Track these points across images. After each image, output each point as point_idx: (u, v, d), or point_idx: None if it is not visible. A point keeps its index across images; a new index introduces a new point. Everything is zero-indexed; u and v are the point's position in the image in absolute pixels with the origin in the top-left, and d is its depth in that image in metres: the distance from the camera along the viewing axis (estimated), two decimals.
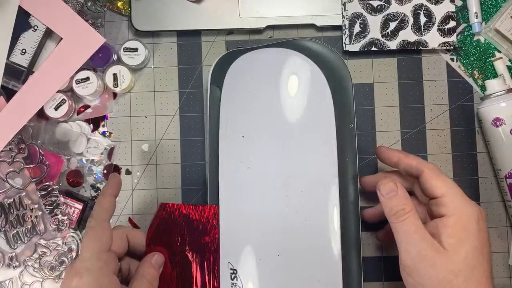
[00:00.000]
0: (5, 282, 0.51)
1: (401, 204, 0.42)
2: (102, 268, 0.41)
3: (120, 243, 0.45)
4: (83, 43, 0.51)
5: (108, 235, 0.43)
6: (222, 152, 0.48)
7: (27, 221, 0.51)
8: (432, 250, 0.40)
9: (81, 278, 0.40)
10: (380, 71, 0.55)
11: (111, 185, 0.46)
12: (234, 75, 0.49)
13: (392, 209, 0.42)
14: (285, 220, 0.46)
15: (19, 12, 0.50)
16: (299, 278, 0.46)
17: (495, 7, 0.55)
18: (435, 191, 0.42)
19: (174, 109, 0.55)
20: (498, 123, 0.51)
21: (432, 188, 0.42)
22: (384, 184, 0.43)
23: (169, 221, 0.48)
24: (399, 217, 0.41)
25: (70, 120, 0.54)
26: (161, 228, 0.48)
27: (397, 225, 0.41)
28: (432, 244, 0.40)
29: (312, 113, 0.47)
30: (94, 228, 0.43)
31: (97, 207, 0.44)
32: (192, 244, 0.47)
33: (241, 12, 0.54)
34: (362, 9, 0.53)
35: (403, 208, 0.41)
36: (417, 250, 0.40)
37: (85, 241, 0.42)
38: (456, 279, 0.39)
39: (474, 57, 0.55)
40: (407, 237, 0.41)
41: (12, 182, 0.50)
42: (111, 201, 0.45)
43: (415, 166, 0.44)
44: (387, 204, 0.42)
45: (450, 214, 0.41)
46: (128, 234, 0.46)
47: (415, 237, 0.40)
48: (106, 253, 0.42)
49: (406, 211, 0.41)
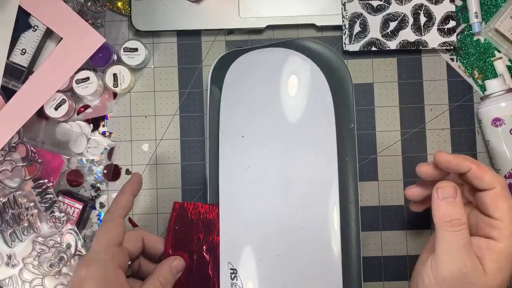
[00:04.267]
0: (5, 280, 0.51)
1: (458, 213, 0.40)
2: (108, 261, 0.42)
3: (135, 244, 0.46)
4: (83, 43, 0.51)
5: (119, 230, 0.44)
6: (222, 152, 0.48)
7: (23, 219, 0.51)
8: (473, 269, 0.39)
9: (89, 269, 0.41)
10: (380, 71, 0.55)
11: (131, 183, 0.47)
12: (234, 75, 0.49)
13: (447, 216, 0.40)
14: (285, 220, 0.46)
15: (19, 12, 0.50)
16: (299, 278, 0.46)
17: (495, 7, 0.55)
18: (496, 213, 0.41)
19: (174, 109, 0.55)
20: (498, 123, 0.51)
21: (495, 209, 0.41)
22: (445, 188, 0.41)
23: (185, 221, 0.48)
24: (453, 226, 0.40)
25: (70, 120, 0.54)
26: (178, 228, 0.48)
27: (448, 234, 0.40)
28: (475, 263, 0.40)
29: (312, 113, 0.47)
30: (108, 222, 0.44)
31: (114, 203, 0.45)
32: (208, 243, 0.47)
33: (241, 12, 0.54)
34: (362, 9, 0.53)
35: (459, 218, 0.40)
36: (460, 265, 0.39)
37: (97, 234, 0.44)
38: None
39: (474, 57, 0.55)
40: (454, 249, 0.40)
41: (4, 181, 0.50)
42: (128, 198, 0.46)
43: (488, 180, 0.41)
44: (442, 208, 0.41)
45: (500, 240, 0.40)
46: (144, 237, 0.47)
47: (463, 252, 0.40)
48: (115, 247, 0.43)
49: (462, 223, 0.40)
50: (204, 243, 0.47)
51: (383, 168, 0.54)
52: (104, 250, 0.42)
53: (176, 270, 0.46)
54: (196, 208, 0.48)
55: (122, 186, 0.47)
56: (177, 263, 0.46)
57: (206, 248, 0.47)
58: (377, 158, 0.54)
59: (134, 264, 0.47)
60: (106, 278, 0.41)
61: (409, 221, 0.54)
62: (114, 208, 0.45)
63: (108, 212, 0.45)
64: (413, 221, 0.52)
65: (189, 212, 0.48)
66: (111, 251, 0.43)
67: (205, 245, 0.47)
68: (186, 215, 0.48)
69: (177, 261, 0.46)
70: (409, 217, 0.53)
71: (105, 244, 0.43)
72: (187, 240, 0.48)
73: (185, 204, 0.48)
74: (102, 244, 0.43)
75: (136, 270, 0.48)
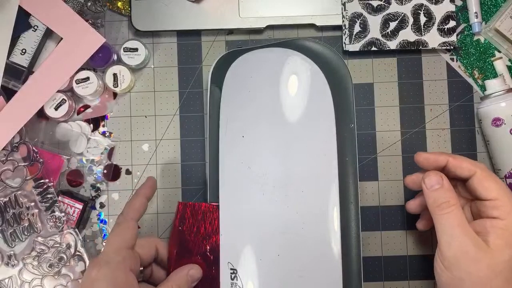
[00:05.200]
0: (5, 280, 0.51)
1: (446, 196, 0.42)
2: (120, 263, 0.42)
3: (148, 251, 0.46)
4: (83, 43, 0.51)
5: (131, 233, 0.44)
6: (222, 152, 0.48)
7: (24, 219, 0.51)
8: (474, 246, 0.40)
9: (99, 270, 0.41)
10: (380, 71, 0.55)
11: (145, 186, 0.47)
12: (234, 75, 0.49)
13: (436, 200, 0.42)
14: (285, 220, 0.46)
15: (19, 12, 0.50)
16: (299, 278, 0.46)
17: (495, 7, 0.55)
18: (488, 193, 0.42)
19: (174, 109, 0.55)
20: (498, 123, 0.51)
21: (486, 191, 0.42)
22: (430, 176, 0.43)
23: (189, 221, 0.48)
24: (443, 209, 0.41)
25: (70, 120, 0.54)
26: (182, 229, 0.48)
27: (440, 217, 0.41)
28: (476, 241, 0.40)
29: (312, 113, 0.47)
30: (120, 224, 0.44)
31: (127, 206, 0.46)
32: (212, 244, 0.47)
33: (241, 12, 0.54)
34: (362, 9, 0.53)
35: (447, 201, 0.41)
36: (459, 244, 0.40)
37: (109, 236, 0.44)
38: (496, 279, 0.39)
39: (474, 57, 0.55)
40: (449, 230, 0.41)
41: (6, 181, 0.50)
42: (142, 201, 0.46)
43: (466, 167, 0.43)
44: (431, 196, 0.42)
45: (503, 217, 0.41)
46: (158, 245, 0.47)
47: (458, 231, 0.40)
48: (127, 250, 0.43)
49: (450, 204, 0.41)
50: (208, 244, 0.47)
51: (383, 168, 0.54)
52: (116, 253, 0.42)
53: (192, 279, 0.45)
54: (200, 208, 0.48)
55: (136, 189, 0.47)
56: (194, 272, 0.46)
57: (210, 248, 0.47)
58: (377, 158, 0.54)
59: (146, 270, 0.47)
60: (116, 280, 0.41)
61: (409, 221, 0.54)
62: (127, 211, 0.45)
63: (121, 214, 0.45)
64: (413, 221, 0.52)
65: (194, 212, 0.48)
66: (123, 254, 0.43)
67: (209, 246, 0.47)
68: (190, 215, 0.48)
69: (194, 270, 0.46)
70: (409, 217, 0.53)
71: (117, 246, 0.43)
72: (191, 240, 0.48)
73: (190, 204, 0.48)
74: (114, 246, 0.43)
75: (147, 277, 0.48)
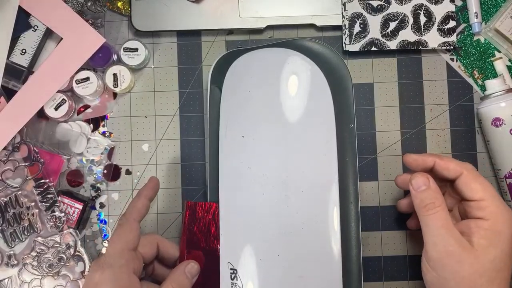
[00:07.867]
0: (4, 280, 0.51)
1: (432, 197, 0.42)
2: (123, 266, 0.42)
3: (149, 249, 0.46)
4: (83, 43, 0.51)
5: (134, 235, 0.44)
6: (222, 152, 0.48)
7: (24, 219, 0.51)
8: (459, 247, 0.40)
9: (103, 273, 0.41)
10: (380, 71, 0.55)
11: (147, 187, 0.47)
12: (234, 75, 0.49)
13: (422, 201, 0.42)
14: (285, 220, 0.46)
15: (19, 12, 0.50)
16: (299, 278, 0.46)
17: (495, 7, 0.55)
18: (474, 194, 0.42)
19: (174, 109, 0.55)
20: (498, 123, 0.51)
21: (471, 192, 0.42)
22: (417, 178, 0.43)
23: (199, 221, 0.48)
24: (429, 210, 0.42)
25: (70, 120, 0.54)
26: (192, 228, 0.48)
27: (426, 218, 0.42)
28: (460, 241, 0.40)
29: (312, 113, 0.47)
30: (123, 226, 0.44)
31: (130, 207, 0.45)
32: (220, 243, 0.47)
33: (241, 12, 0.54)
34: (362, 9, 0.53)
35: (433, 202, 0.42)
36: (443, 244, 0.40)
37: (112, 238, 0.44)
38: (480, 279, 0.39)
39: (474, 57, 0.55)
40: (434, 231, 0.41)
41: (7, 180, 0.50)
42: (144, 202, 0.46)
43: (453, 168, 0.44)
44: (417, 197, 0.43)
45: (487, 218, 0.41)
46: (159, 242, 0.47)
47: (443, 232, 0.41)
48: (130, 252, 0.43)
49: (436, 205, 0.42)
50: (217, 243, 0.47)
51: (383, 168, 0.54)
52: (119, 255, 0.42)
53: (191, 274, 0.45)
54: (211, 207, 0.48)
55: (139, 190, 0.47)
56: (191, 267, 0.45)
57: (219, 247, 0.47)
58: (377, 158, 0.54)
59: (148, 268, 0.47)
60: (120, 283, 0.41)
61: None
62: (129, 212, 0.45)
63: (124, 216, 0.45)
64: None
65: (202, 212, 0.48)
66: (126, 256, 0.42)
67: (218, 245, 0.47)
68: (201, 215, 0.48)
69: (191, 265, 0.46)
70: (409, 217, 0.53)
71: (120, 248, 0.43)
72: (201, 239, 0.48)
73: (198, 204, 0.48)
74: (117, 248, 0.43)
75: (149, 274, 0.48)
